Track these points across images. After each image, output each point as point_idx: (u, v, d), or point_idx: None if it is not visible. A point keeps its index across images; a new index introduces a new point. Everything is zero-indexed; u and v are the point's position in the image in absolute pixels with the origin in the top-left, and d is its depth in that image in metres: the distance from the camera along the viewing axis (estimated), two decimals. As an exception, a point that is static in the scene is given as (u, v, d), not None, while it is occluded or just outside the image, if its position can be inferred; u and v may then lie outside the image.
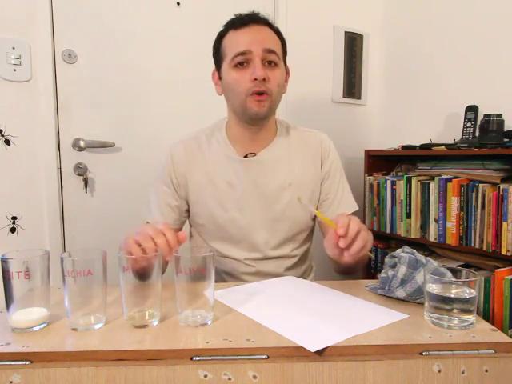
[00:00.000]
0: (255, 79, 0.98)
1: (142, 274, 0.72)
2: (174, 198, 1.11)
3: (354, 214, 1.16)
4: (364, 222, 1.89)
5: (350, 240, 0.82)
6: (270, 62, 1.01)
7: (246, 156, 1.10)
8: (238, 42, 1.01)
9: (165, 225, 0.82)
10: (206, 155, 1.11)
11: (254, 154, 1.10)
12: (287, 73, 1.11)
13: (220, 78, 1.08)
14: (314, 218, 1.17)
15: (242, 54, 0.99)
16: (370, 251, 0.91)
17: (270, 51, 1.00)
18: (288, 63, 1.12)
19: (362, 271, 1.70)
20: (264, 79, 0.99)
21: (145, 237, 0.78)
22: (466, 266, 1.48)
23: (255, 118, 1.04)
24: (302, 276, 1.20)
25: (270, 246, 1.11)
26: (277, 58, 1.02)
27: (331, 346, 0.62)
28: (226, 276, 1.14)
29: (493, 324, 0.73)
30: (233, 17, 1.05)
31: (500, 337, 0.67)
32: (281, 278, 1.02)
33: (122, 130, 1.64)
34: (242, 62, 1.00)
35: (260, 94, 1.00)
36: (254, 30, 1.01)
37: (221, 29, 1.07)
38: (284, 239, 1.12)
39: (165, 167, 1.12)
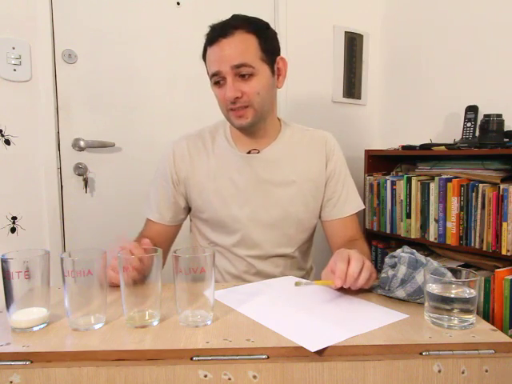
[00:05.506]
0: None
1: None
2: (172, 194, 1.12)
3: (359, 212, 1.17)
4: (364, 222, 1.89)
5: (351, 282, 0.81)
6: (243, 75, 0.99)
7: (248, 152, 1.10)
8: (210, 62, 1.02)
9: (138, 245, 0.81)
10: (210, 152, 1.12)
11: (257, 151, 1.10)
12: (283, 64, 1.07)
13: None
14: (319, 217, 1.17)
15: (215, 74, 1.00)
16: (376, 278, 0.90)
17: (240, 66, 0.97)
18: (288, 63, 1.09)
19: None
20: (237, 97, 0.99)
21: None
22: (466, 265, 1.48)
23: (242, 129, 1.07)
24: (303, 277, 1.19)
25: (270, 244, 1.11)
26: (249, 68, 0.98)
27: (331, 346, 0.62)
28: (226, 274, 1.14)
29: (493, 324, 0.73)
30: (209, 27, 1.03)
31: (500, 337, 0.67)
32: (281, 278, 1.02)
33: (121, 130, 1.64)
34: (218, 81, 1.01)
35: (239, 108, 1.01)
36: (222, 45, 0.98)
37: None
38: (285, 238, 1.12)
39: (165, 163, 1.13)
